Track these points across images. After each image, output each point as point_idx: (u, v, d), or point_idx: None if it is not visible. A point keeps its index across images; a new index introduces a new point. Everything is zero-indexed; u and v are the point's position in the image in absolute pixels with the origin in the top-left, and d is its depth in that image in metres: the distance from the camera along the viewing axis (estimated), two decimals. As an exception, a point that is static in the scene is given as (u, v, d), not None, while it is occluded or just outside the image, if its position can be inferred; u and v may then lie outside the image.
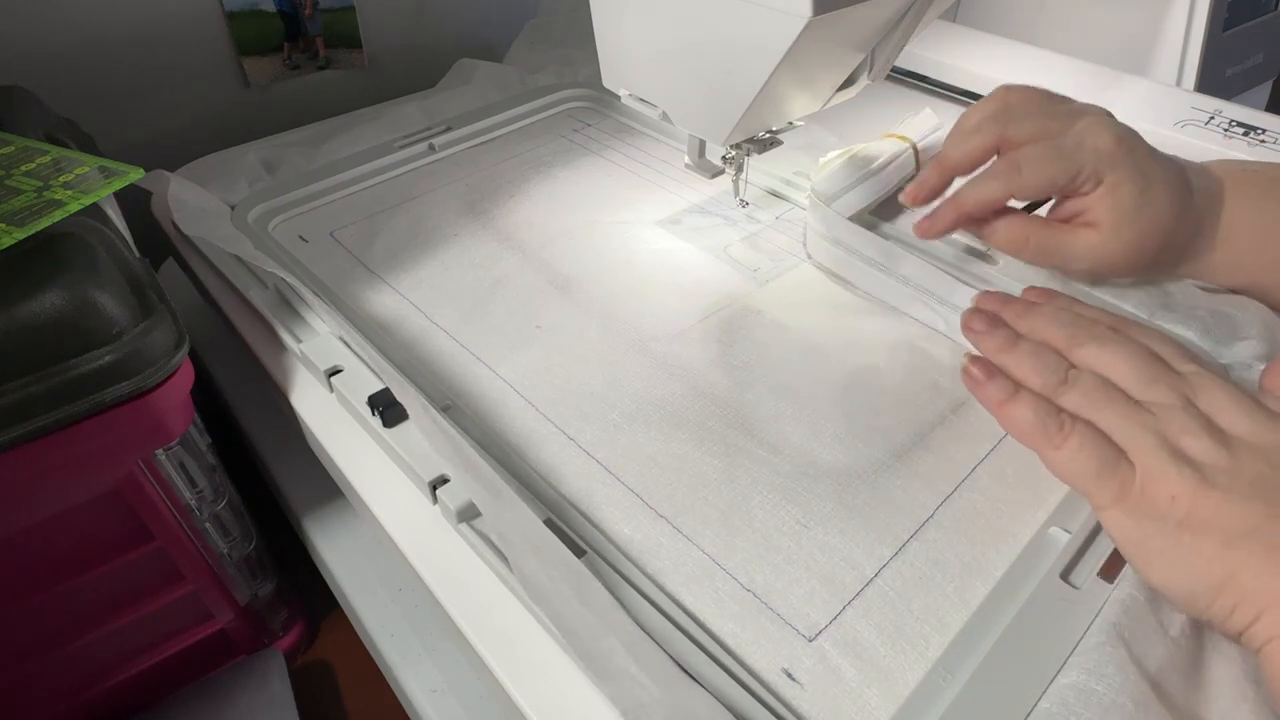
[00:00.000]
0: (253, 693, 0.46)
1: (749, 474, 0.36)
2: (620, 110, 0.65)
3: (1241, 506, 0.28)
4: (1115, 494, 0.30)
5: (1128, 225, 0.39)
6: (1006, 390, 0.33)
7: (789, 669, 0.29)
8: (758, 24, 0.36)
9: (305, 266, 0.49)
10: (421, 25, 0.76)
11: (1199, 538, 0.28)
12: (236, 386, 0.54)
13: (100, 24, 0.59)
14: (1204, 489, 0.28)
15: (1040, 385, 0.33)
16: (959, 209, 0.41)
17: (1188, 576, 0.28)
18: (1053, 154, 0.40)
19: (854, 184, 0.48)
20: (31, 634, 0.39)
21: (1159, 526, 0.29)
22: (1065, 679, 0.27)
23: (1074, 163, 0.39)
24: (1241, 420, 0.30)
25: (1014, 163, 0.40)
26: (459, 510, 0.33)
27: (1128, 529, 0.30)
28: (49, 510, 0.35)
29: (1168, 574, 0.29)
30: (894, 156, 0.50)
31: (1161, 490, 0.29)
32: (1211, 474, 0.28)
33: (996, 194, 0.40)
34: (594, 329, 0.44)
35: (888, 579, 0.32)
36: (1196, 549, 0.28)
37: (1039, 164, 0.40)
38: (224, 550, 0.44)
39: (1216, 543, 0.28)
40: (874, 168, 0.49)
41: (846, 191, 0.48)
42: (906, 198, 0.44)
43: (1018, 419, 0.32)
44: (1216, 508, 0.28)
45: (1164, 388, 0.31)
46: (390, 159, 0.59)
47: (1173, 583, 0.29)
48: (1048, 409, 0.32)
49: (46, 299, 0.31)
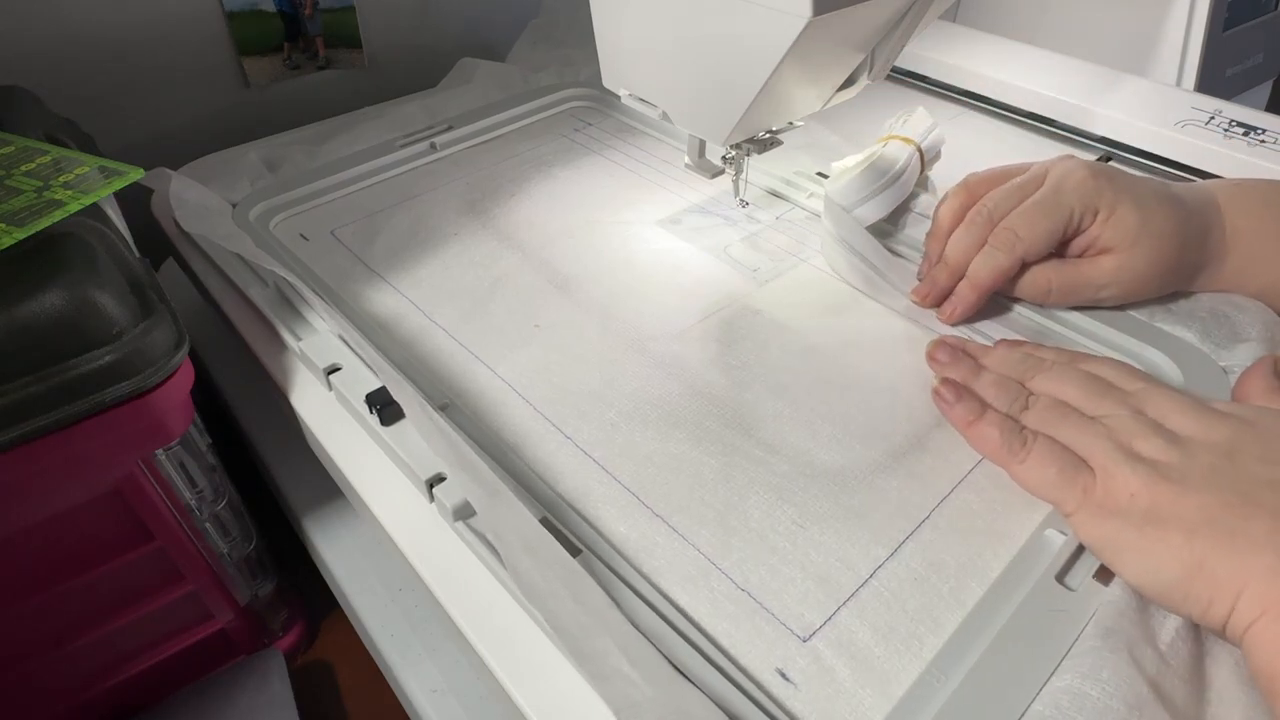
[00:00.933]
0: (253, 693, 0.46)
1: (746, 474, 0.36)
2: (622, 110, 0.66)
3: (1198, 497, 0.29)
4: (1079, 499, 0.32)
5: (1140, 239, 0.40)
6: (975, 410, 0.36)
7: (783, 669, 0.29)
8: (758, 24, 0.36)
9: (306, 265, 0.49)
10: (422, 25, 0.76)
11: (1162, 529, 0.29)
12: (236, 386, 0.54)
13: (100, 24, 0.60)
14: (1159, 483, 0.30)
15: (1004, 409, 0.36)
16: (977, 289, 0.43)
17: (1158, 568, 0.29)
18: (1039, 209, 0.42)
19: (873, 194, 0.47)
20: (31, 634, 0.39)
21: (1123, 523, 0.30)
22: (1059, 681, 0.27)
23: (1063, 208, 0.41)
24: (1189, 421, 0.32)
25: (1009, 231, 0.42)
26: (455, 509, 0.33)
27: (1095, 530, 0.31)
28: (49, 510, 0.35)
29: (1139, 568, 0.30)
30: (907, 164, 0.49)
31: (1120, 488, 0.31)
32: (1165, 469, 0.30)
33: (1006, 264, 0.42)
34: (593, 328, 0.44)
35: (883, 580, 0.32)
36: (1163, 540, 0.29)
37: (1032, 222, 0.41)
38: (224, 550, 0.44)
39: (1180, 532, 0.29)
40: (889, 177, 0.48)
41: (865, 202, 0.47)
42: (920, 299, 0.45)
43: (985, 436, 0.35)
44: (1174, 500, 0.29)
45: (1112, 402, 0.34)
46: (391, 158, 0.59)
47: (1145, 577, 0.29)
48: (1011, 426, 0.35)
49: (46, 299, 0.31)
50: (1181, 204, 0.42)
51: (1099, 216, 0.41)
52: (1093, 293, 0.42)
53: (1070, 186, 0.41)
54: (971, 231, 0.43)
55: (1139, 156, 0.59)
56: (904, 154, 0.49)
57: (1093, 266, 0.42)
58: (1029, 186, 0.43)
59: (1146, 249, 0.41)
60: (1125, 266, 0.41)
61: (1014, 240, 0.41)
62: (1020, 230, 0.41)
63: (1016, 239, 0.41)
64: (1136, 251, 0.41)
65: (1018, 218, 0.42)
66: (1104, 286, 0.42)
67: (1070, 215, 0.41)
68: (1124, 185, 0.41)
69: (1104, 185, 0.41)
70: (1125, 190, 0.41)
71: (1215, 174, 0.55)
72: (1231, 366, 0.40)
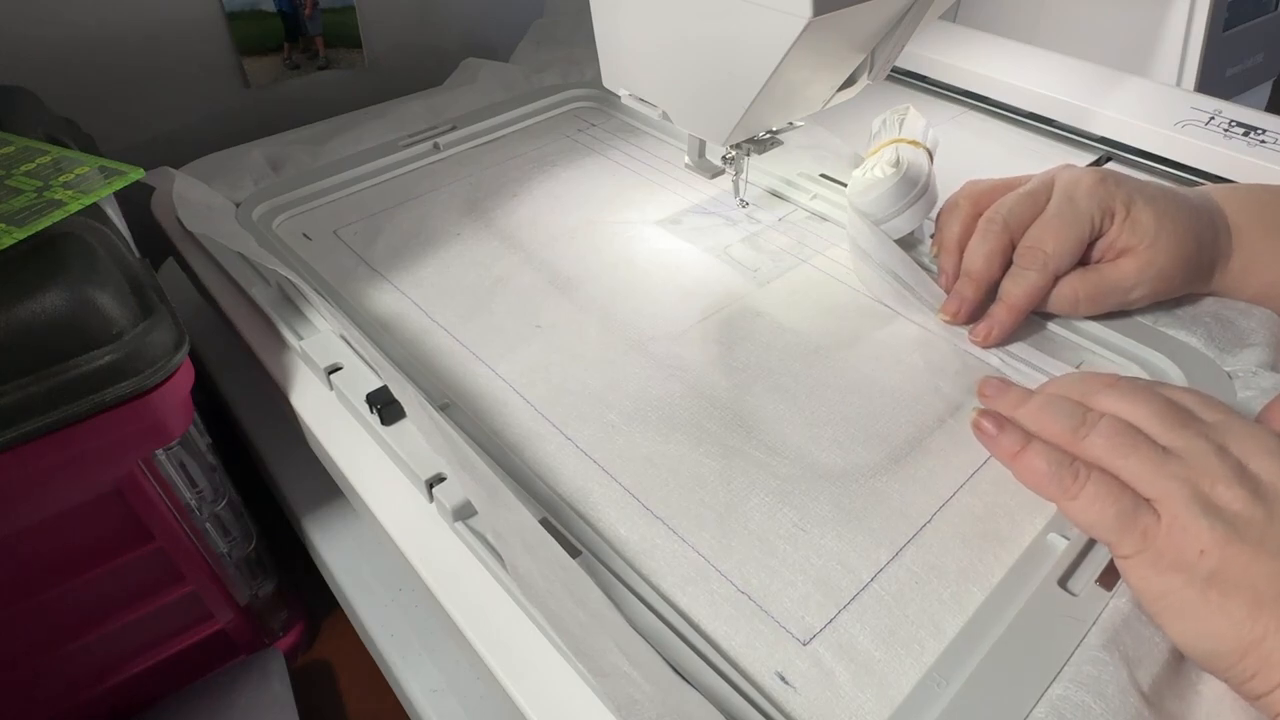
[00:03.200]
0: (253, 693, 0.46)
1: (746, 476, 0.36)
2: (625, 110, 0.66)
3: (1273, 565, 0.26)
4: (1136, 544, 0.28)
5: (1160, 235, 0.40)
6: (1019, 440, 0.32)
7: (782, 672, 0.29)
8: (758, 24, 0.36)
9: (308, 264, 0.49)
10: (422, 25, 0.75)
11: (1227, 597, 0.26)
12: (236, 386, 0.54)
13: (100, 24, 0.59)
14: (1234, 543, 0.26)
15: (1057, 433, 0.31)
16: (1014, 312, 0.42)
17: (1212, 637, 0.26)
18: (1060, 220, 0.41)
19: (906, 206, 0.46)
20: (31, 634, 0.39)
21: (1184, 580, 0.27)
22: (1059, 689, 0.27)
23: (1082, 215, 0.41)
24: (1276, 468, 0.28)
25: (1036, 249, 0.41)
26: (455, 509, 0.33)
27: (1150, 581, 0.28)
28: (49, 510, 0.35)
29: (1190, 632, 0.27)
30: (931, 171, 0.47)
31: (1189, 542, 0.27)
32: (1244, 528, 0.27)
33: (1040, 283, 0.41)
34: (593, 329, 0.44)
35: (884, 583, 0.32)
36: (1223, 609, 0.26)
37: (1057, 235, 0.41)
38: (224, 550, 0.44)
39: (1245, 603, 0.26)
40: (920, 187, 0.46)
41: (899, 214, 0.46)
42: (950, 316, 0.43)
43: (1032, 469, 0.31)
44: (1247, 565, 0.26)
45: (1191, 433, 0.29)
46: (395, 157, 0.59)
47: (1194, 642, 0.27)
48: (1061, 458, 0.30)
49: (46, 299, 0.31)
50: (1188, 200, 0.42)
51: (1116, 218, 0.41)
52: (1121, 296, 0.42)
53: (1082, 193, 0.41)
54: (988, 239, 0.42)
55: (1139, 157, 0.59)
56: (926, 160, 0.48)
57: (1115, 270, 0.41)
58: (1039, 196, 0.42)
59: (1167, 244, 0.40)
60: (1149, 263, 0.41)
61: (1044, 257, 0.41)
62: (1047, 245, 0.41)
63: (1046, 255, 0.41)
64: (1158, 247, 0.40)
65: (1041, 233, 0.41)
66: (1132, 288, 0.41)
67: (1091, 221, 0.41)
68: (1133, 186, 0.41)
69: (1114, 188, 0.41)
70: (1136, 191, 0.41)
71: (1215, 174, 0.55)
72: (1236, 371, 0.40)
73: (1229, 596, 0.26)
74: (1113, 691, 0.27)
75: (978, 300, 0.43)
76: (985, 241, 0.42)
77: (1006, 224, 0.42)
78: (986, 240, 0.42)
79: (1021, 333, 0.43)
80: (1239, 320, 0.42)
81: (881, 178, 0.46)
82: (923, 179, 0.46)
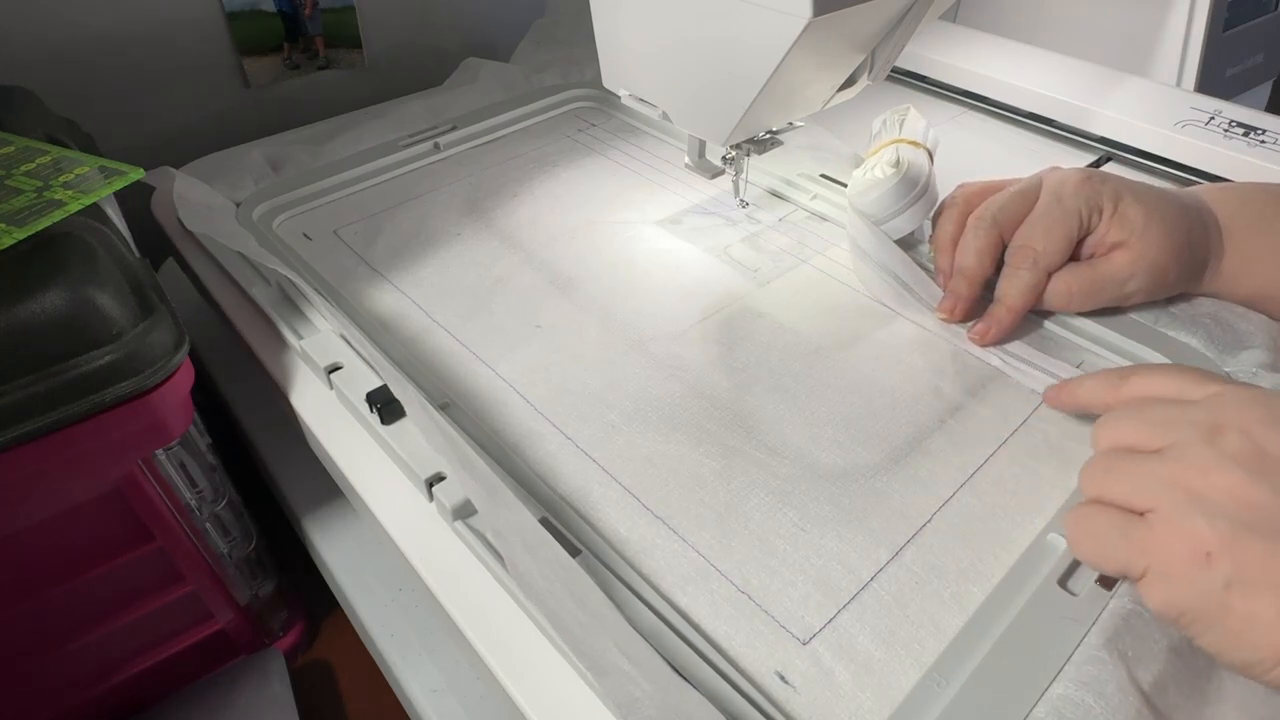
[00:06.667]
0: (253, 693, 0.46)
1: (746, 476, 0.36)
2: (625, 110, 0.66)
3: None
4: (1141, 563, 0.26)
5: (1149, 227, 0.41)
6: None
7: (782, 672, 0.29)
8: (758, 24, 0.36)
9: (308, 264, 0.49)
10: (422, 25, 0.75)
11: (1250, 600, 0.23)
12: (236, 386, 0.54)
13: (100, 24, 0.59)
14: (1243, 538, 0.24)
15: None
16: (1013, 311, 0.42)
17: (1247, 648, 0.24)
18: (1048, 219, 0.42)
19: (906, 206, 0.46)
20: (31, 634, 0.39)
21: (1201, 593, 0.24)
22: (1060, 689, 0.27)
23: (1070, 212, 0.41)
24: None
25: (1026, 248, 0.42)
26: (454, 508, 0.33)
27: (1168, 600, 0.26)
28: (49, 510, 0.35)
29: (1224, 646, 0.25)
30: (931, 171, 0.47)
31: (1190, 547, 0.25)
32: (1250, 516, 0.24)
33: (1033, 280, 0.42)
34: (593, 329, 0.44)
35: (884, 583, 0.32)
36: (1251, 616, 0.23)
37: (1045, 232, 0.41)
38: (224, 550, 0.44)
39: (1273, 604, 0.23)
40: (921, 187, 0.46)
41: (899, 215, 0.46)
42: (947, 314, 0.44)
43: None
44: (1264, 561, 0.23)
45: (1178, 424, 0.27)
46: (395, 157, 0.59)
47: (1230, 655, 0.25)
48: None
49: (46, 299, 0.31)
50: (1177, 198, 0.42)
51: (1104, 214, 0.41)
52: (1116, 289, 0.42)
53: (1069, 191, 0.42)
54: (978, 236, 0.43)
55: (1139, 157, 0.59)
56: (926, 161, 0.48)
57: (1108, 263, 0.42)
58: (1028, 194, 0.43)
59: (1157, 236, 0.41)
60: (1141, 255, 0.41)
61: (1034, 255, 0.42)
62: (1037, 243, 0.42)
63: (1036, 253, 0.42)
64: (1149, 239, 0.41)
65: (1030, 231, 0.42)
66: (1125, 281, 0.41)
67: (1079, 217, 0.41)
68: (1121, 183, 0.42)
69: (1100, 185, 0.42)
70: (1124, 188, 0.42)
71: (1215, 174, 0.55)
72: (1235, 372, 0.40)
73: (1253, 599, 0.23)
74: (1113, 691, 0.27)
75: (972, 297, 0.44)
76: (976, 238, 0.43)
77: (996, 220, 0.43)
78: (977, 237, 0.43)
79: (1021, 332, 0.44)
80: (1238, 323, 0.42)
81: (882, 178, 0.46)
82: (923, 179, 0.46)
